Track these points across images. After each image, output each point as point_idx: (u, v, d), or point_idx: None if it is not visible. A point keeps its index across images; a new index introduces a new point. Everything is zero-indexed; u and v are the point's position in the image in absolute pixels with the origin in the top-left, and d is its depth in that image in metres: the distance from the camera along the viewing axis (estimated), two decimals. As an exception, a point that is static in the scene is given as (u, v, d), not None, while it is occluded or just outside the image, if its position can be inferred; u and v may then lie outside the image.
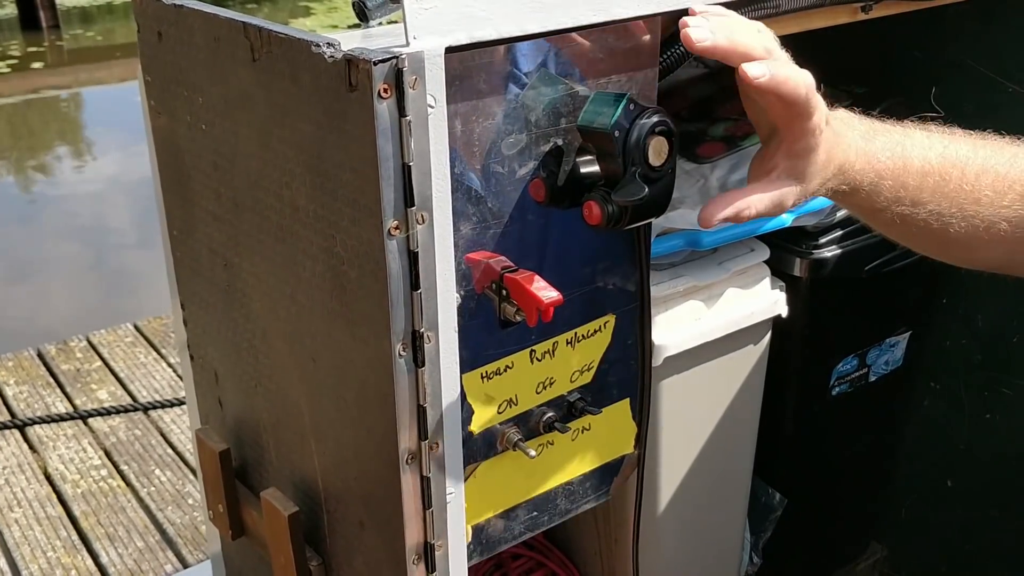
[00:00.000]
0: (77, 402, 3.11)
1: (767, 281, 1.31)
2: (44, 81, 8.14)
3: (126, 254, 4.80)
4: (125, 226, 5.17)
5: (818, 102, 0.83)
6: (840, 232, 1.36)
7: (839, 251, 1.36)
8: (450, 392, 0.88)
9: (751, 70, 0.79)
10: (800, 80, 0.81)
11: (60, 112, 7.61)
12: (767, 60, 0.80)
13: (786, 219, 1.26)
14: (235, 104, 0.93)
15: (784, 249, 1.35)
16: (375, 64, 0.73)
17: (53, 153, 6.54)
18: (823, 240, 1.36)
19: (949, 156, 0.91)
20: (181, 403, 3.07)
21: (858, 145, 0.88)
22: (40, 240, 5.02)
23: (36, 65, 8.64)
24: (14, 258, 4.74)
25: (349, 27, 1.04)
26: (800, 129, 0.84)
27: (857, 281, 1.41)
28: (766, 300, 1.31)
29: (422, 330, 0.83)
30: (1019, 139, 0.94)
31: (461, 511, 0.94)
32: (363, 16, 0.98)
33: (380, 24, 0.99)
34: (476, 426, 0.96)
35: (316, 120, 0.82)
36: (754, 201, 0.87)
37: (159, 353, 3.39)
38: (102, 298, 4.38)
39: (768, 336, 1.35)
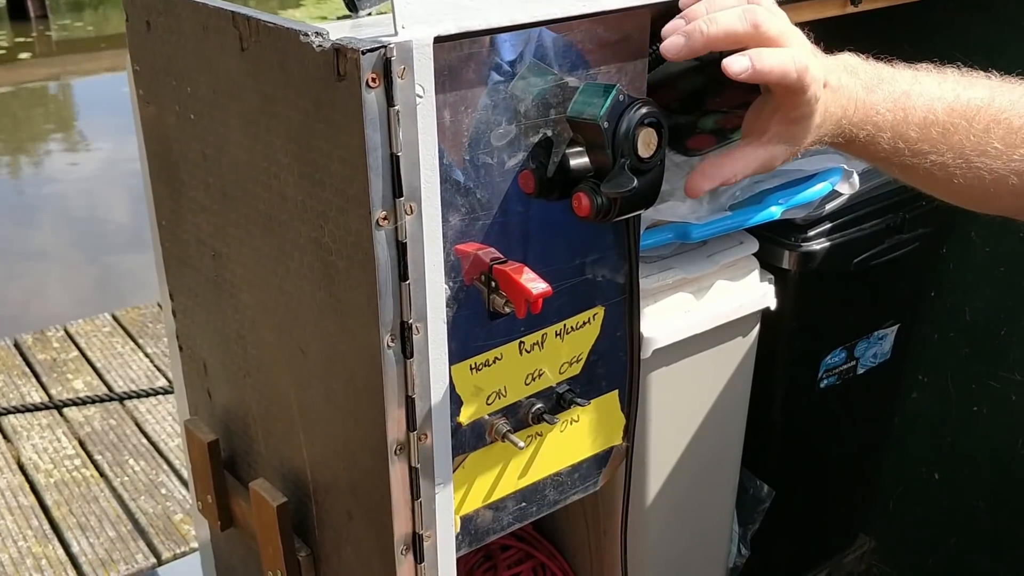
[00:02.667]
0: (52, 392, 3.10)
1: (756, 274, 1.32)
2: (32, 72, 8.09)
3: (112, 244, 4.78)
4: (111, 216, 5.15)
5: (812, 76, 0.81)
6: (829, 225, 1.37)
7: (828, 244, 1.36)
8: (439, 383, 0.88)
9: (731, 66, 0.79)
10: (788, 63, 0.80)
11: (47, 103, 7.56)
12: (749, 51, 0.79)
13: (775, 212, 1.26)
14: (224, 94, 0.93)
15: (773, 242, 1.35)
16: (363, 53, 0.73)
17: (40, 143, 6.50)
18: (812, 233, 1.36)
19: (959, 105, 0.87)
20: (157, 393, 3.06)
21: (858, 96, 0.86)
22: (26, 230, 4.99)
23: (24, 56, 8.58)
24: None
25: (338, 18, 1.03)
26: (794, 102, 0.83)
27: (846, 274, 1.42)
28: (755, 293, 1.31)
29: (411, 321, 0.83)
30: None
31: (449, 502, 0.94)
32: (352, 6, 0.97)
33: (370, 14, 0.99)
34: (465, 417, 0.96)
35: (304, 110, 0.81)
36: (740, 168, 0.87)
37: (136, 343, 3.37)
38: (84, 288, 4.36)
39: (757, 328, 1.36)
